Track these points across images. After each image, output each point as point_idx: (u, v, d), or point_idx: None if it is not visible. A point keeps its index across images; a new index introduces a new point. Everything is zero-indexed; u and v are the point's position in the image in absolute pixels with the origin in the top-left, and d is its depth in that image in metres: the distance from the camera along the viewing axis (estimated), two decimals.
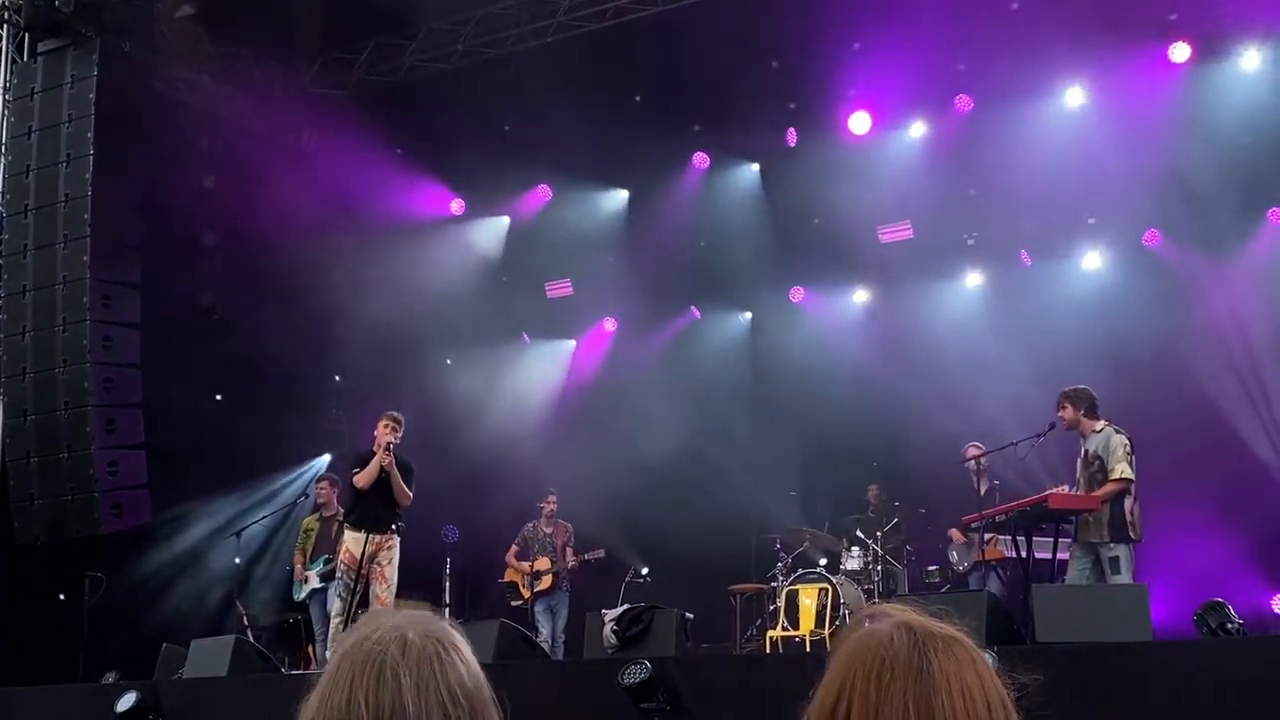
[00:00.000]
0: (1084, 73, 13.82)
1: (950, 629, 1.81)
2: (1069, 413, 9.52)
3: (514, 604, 13.10)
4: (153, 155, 13.14)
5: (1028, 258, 14.56)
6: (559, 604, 13.19)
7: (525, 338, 17.34)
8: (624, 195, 16.66)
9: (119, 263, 12.56)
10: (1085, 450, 9.46)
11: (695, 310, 16.53)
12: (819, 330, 15.67)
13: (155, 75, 13.75)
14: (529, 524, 13.46)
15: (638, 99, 15.18)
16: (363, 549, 10.28)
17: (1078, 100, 13.95)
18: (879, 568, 12.34)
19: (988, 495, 11.28)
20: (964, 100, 14.40)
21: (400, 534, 10.65)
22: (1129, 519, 9.00)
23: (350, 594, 10.34)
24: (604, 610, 8.31)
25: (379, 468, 10.33)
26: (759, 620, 12.95)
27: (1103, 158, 13.61)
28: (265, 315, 14.55)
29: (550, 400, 16.87)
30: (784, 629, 11.70)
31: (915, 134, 14.94)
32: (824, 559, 13.03)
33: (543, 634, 12.71)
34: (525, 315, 17.15)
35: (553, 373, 17.19)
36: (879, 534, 12.58)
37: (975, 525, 10.38)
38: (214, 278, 15.24)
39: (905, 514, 12.94)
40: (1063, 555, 9.46)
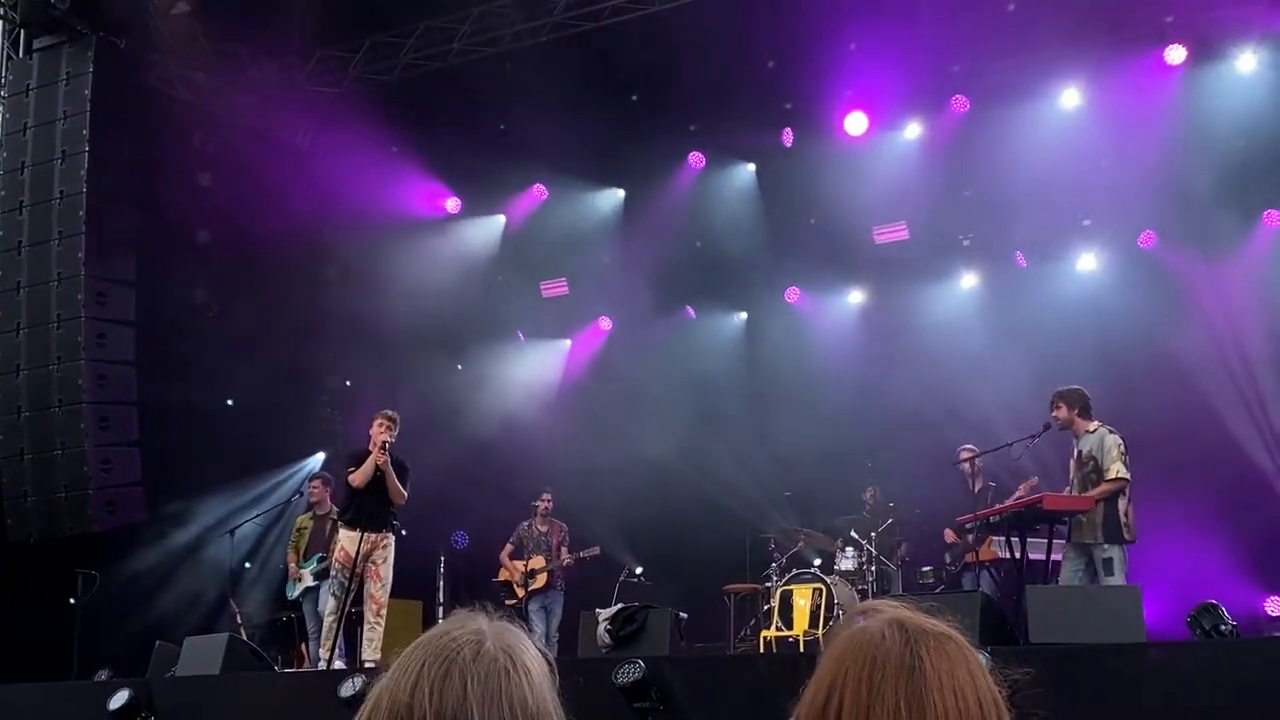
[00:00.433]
0: (1080, 74, 13.85)
1: (943, 627, 1.80)
2: (1063, 413, 9.53)
3: (508, 603, 13.08)
4: (148, 152, 13.13)
5: (1023, 259, 14.57)
6: (553, 603, 13.18)
7: (521, 336, 17.33)
8: (620, 194, 16.68)
9: (114, 260, 12.54)
10: (1079, 451, 9.47)
11: (690, 310, 16.53)
12: (814, 331, 15.67)
13: (151, 72, 13.74)
14: (524, 523, 13.45)
15: (634, 98, 15.17)
16: (357, 547, 10.28)
17: (1073, 102, 13.97)
18: (873, 568, 12.34)
19: (981, 495, 11.31)
20: (960, 101, 14.42)
21: (397, 534, 10.65)
22: (1123, 520, 9.01)
23: (345, 592, 10.34)
24: (598, 609, 8.31)
25: (374, 467, 10.32)
26: (753, 620, 12.94)
27: (1098, 159, 13.65)
28: (260, 313, 14.56)
29: (545, 399, 16.86)
30: (778, 629, 11.71)
31: (911, 135, 14.95)
32: (818, 559, 13.02)
33: (537, 632, 12.70)
34: (521, 314, 17.14)
35: (548, 372, 17.19)
36: (873, 534, 12.58)
37: (969, 526, 10.39)
38: (209, 275, 15.22)
39: (900, 515, 12.94)
40: (1056, 556, 9.48)
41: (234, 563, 13.36)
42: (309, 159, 15.46)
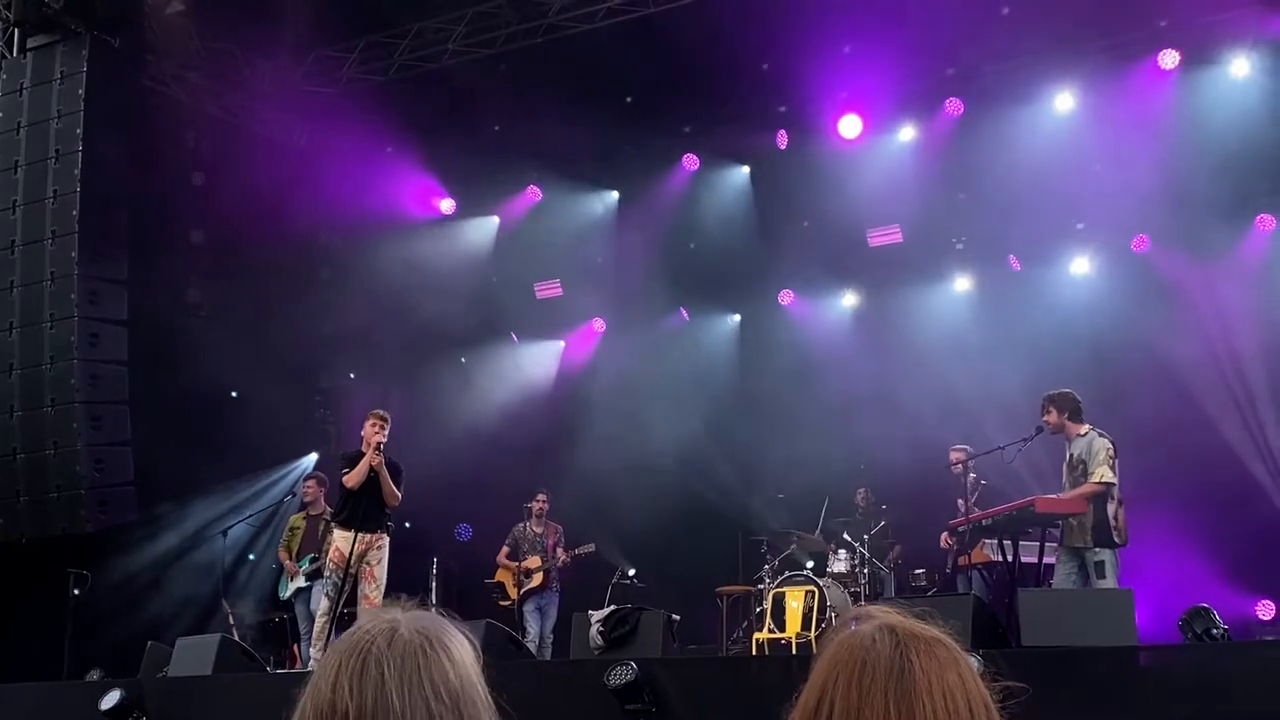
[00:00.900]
0: (1074, 78, 13.87)
1: (934, 631, 1.81)
2: (1053, 417, 9.54)
3: (501, 604, 13.07)
4: (142, 152, 13.11)
5: (1016, 262, 14.58)
6: (548, 603, 13.15)
7: (515, 338, 17.32)
8: (614, 196, 16.68)
9: (107, 259, 12.51)
10: (1070, 454, 9.48)
11: (684, 312, 16.52)
12: (808, 333, 15.68)
13: (145, 72, 13.72)
14: (519, 524, 13.41)
15: (628, 100, 15.16)
16: (351, 548, 10.27)
17: (1067, 105, 13.99)
18: (866, 570, 12.35)
19: (978, 499, 11.31)
20: (954, 104, 14.43)
21: (390, 534, 10.65)
22: (1112, 524, 9.02)
23: (338, 593, 10.33)
24: (590, 611, 8.31)
25: (369, 467, 10.32)
26: (745, 622, 12.96)
27: (1091, 163, 13.67)
28: (253, 313, 14.55)
29: (539, 400, 16.86)
30: (770, 631, 11.70)
31: (905, 138, 14.96)
32: (811, 561, 13.03)
33: (531, 634, 12.69)
34: (515, 315, 17.13)
35: (542, 373, 17.18)
36: (866, 537, 12.59)
37: (962, 529, 10.40)
38: (202, 275, 15.21)
39: (892, 517, 12.95)
40: (1049, 559, 9.48)
41: (226, 563, 13.36)
42: (303, 159, 15.45)
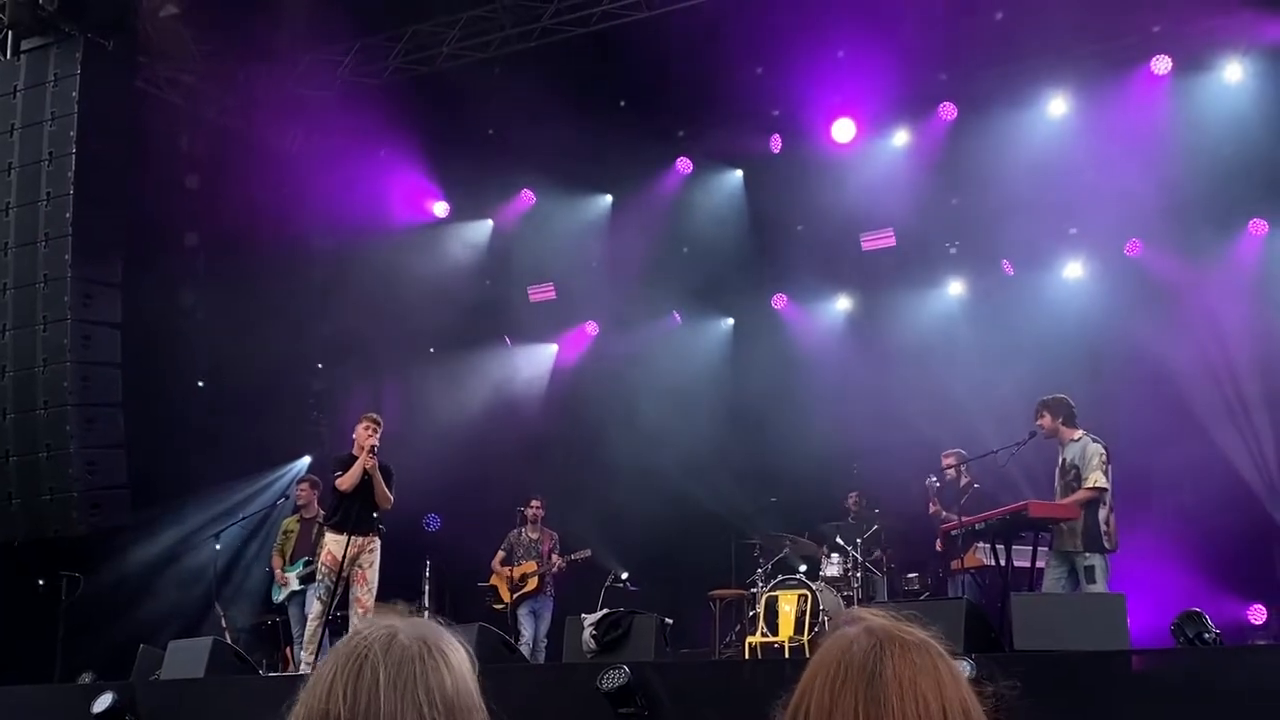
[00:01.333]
0: (1067, 83, 13.91)
1: (919, 635, 1.82)
2: (1047, 421, 9.56)
3: (495, 607, 13.07)
4: (136, 154, 13.08)
5: (1010, 267, 14.59)
6: (542, 607, 13.13)
7: (508, 341, 17.31)
8: (607, 200, 16.67)
9: (100, 262, 12.48)
10: (1063, 459, 9.51)
11: (677, 316, 16.51)
12: (801, 337, 15.68)
13: (139, 74, 13.70)
14: (514, 530, 13.38)
15: (622, 104, 15.18)
16: (344, 551, 10.27)
17: (1060, 110, 14.02)
18: (858, 574, 12.34)
19: (968, 500, 11.31)
20: (947, 109, 14.46)
21: (381, 536, 10.65)
22: (1103, 529, 9.04)
23: (330, 596, 10.33)
24: (583, 614, 8.31)
25: (362, 470, 10.32)
26: (738, 626, 12.95)
27: (1085, 168, 13.69)
28: (247, 316, 14.53)
29: (532, 403, 16.85)
30: (763, 635, 11.69)
31: (898, 142, 14.99)
32: (804, 565, 13.02)
33: (525, 637, 12.68)
34: (508, 318, 17.12)
35: (535, 376, 17.17)
36: (859, 540, 12.58)
37: (955, 533, 10.41)
38: (196, 278, 15.20)
39: (885, 521, 12.95)
40: (1041, 564, 9.50)
41: (219, 566, 13.34)
42: (296, 162, 15.44)
